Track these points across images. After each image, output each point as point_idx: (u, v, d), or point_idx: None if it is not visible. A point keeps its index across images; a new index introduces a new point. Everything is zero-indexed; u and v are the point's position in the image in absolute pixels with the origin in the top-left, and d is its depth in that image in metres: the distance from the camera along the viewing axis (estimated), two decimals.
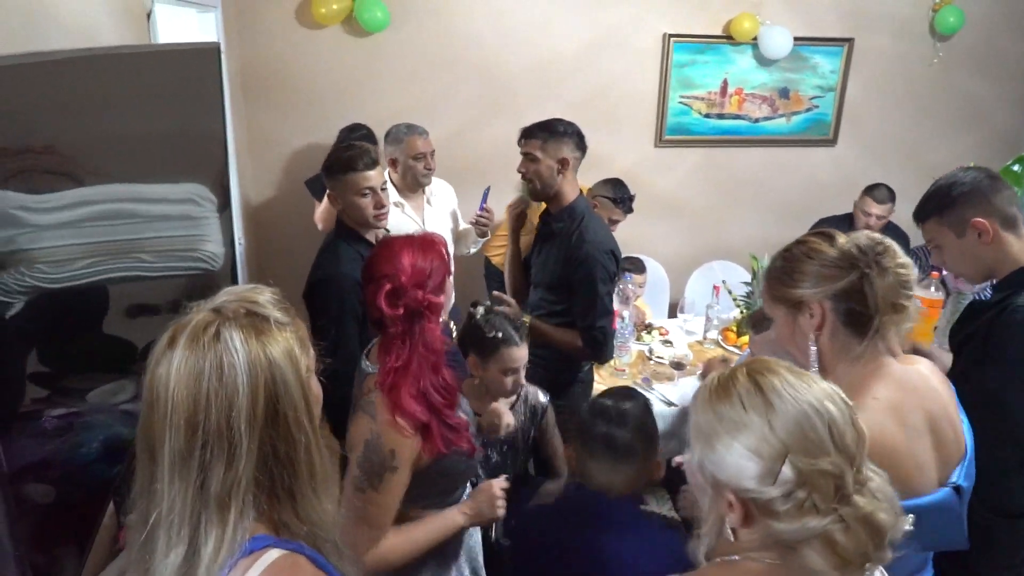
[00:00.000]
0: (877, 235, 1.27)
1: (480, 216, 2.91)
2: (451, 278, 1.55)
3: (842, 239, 1.26)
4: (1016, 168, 3.16)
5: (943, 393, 1.29)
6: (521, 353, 1.85)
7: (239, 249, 2.94)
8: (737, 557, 0.89)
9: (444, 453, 1.42)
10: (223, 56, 2.19)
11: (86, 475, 1.49)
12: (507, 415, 1.92)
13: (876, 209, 3.43)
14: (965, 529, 1.21)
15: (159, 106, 1.78)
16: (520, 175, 2.30)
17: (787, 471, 0.82)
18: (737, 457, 0.86)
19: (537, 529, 1.64)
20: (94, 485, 1.55)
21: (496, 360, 1.83)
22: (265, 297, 0.92)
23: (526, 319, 2.30)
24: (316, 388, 0.96)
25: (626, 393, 1.72)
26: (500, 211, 3.04)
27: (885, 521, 0.83)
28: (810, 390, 0.87)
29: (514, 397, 2.06)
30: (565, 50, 3.81)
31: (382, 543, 1.41)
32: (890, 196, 3.47)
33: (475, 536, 1.70)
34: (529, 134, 2.23)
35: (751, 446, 0.85)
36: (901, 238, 3.74)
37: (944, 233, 1.65)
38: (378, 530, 1.41)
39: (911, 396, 1.21)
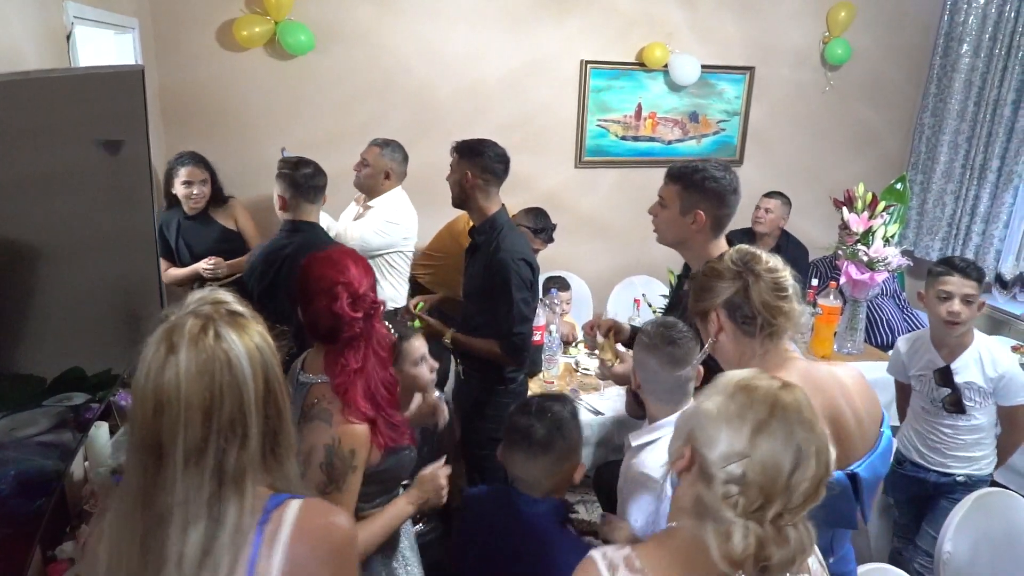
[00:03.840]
0: (748, 247, 1.47)
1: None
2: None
3: (727, 256, 1.47)
4: (899, 186, 3.47)
5: (854, 393, 1.42)
6: (420, 343, 1.96)
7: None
8: (675, 524, 1.04)
9: (391, 448, 1.54)
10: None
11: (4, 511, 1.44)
12: (443, 407, 2.02)
13: (763, 203, 3.95)
14: (855, 513, 1.34)
15: (83, 130, 1.76)
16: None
17: (736, 469, 0.96)
18: (716, 432, 0.99)
19: (472, 511, 1.77)
20: (17, 521, 1.50)
21: (404, 356, 1.92)
22: (230, 296, 1.02)
23: (448, 334, 2.40)
24: None
25: (557, 396, 1.83)
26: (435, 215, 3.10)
27: (775, 556, 0.94)
28: (808, 436, 0.97)
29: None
30: (492, 76, 3.94)
31: None
32: (780, 196, 3.97)
33: (406, 524, 1.79)
34: (453, 149, 2.42)
35: (730, 437, 0.98)
36: (800, 248, 4.03)
37: (674, 201, 1.95)
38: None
39: (811, 388, 1.33)
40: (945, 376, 2.32)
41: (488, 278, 2.34)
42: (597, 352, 2.20)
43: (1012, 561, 1.99)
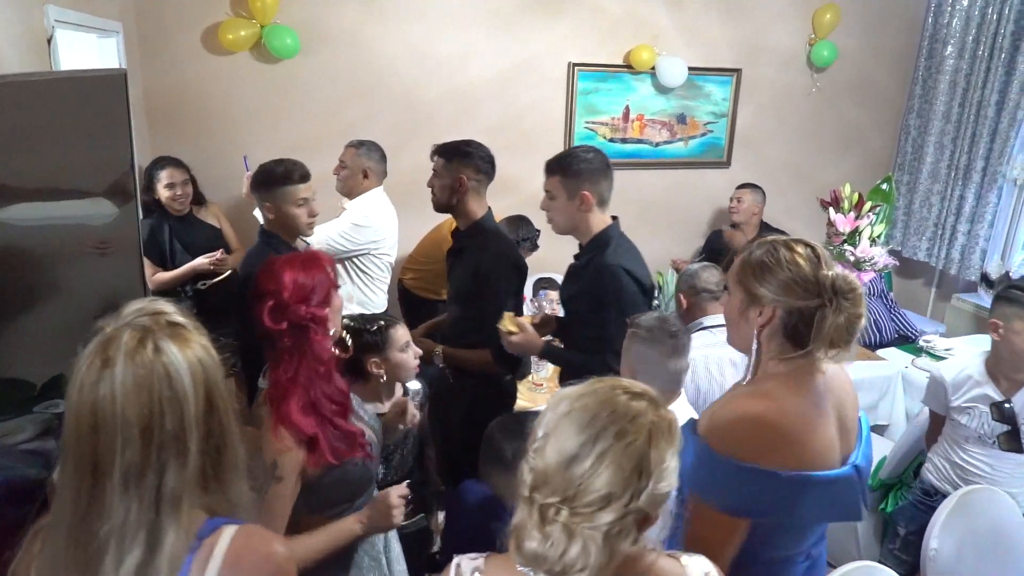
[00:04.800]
0: (855, 279, 1.31)
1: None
2: (339, 291, 1.63)
3: (825, 267, 1.29)
4: (885, 187, 3.50)
5: (848, 388, 1.43)
6: (404, 331, 1.98)
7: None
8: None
9: (334, 464, 1.46)
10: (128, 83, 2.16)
11: None
12: (411, 406, 1.98)
13: (736, 194, 4.12)
14: (861, 503, 1.33)
15: (65, 134, 1.74)
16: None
17: (534, 443, 0.98)
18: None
19: (463, 528, 1.74)
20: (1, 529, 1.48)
21: (390, 345, 1.93)
22: (169, 306, 0.97)
23: (438, 350, 2.38)
24: None
25: (534, 417, 1.79)
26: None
27: (527, 543, 0.93)
28: (610, 441, 0.93)
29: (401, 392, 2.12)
30: (479, 79, 3.94)
31: None
32: (750, 187, 4.11)
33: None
34: (436, 152, 2.37)
35: (548, 419, 0.99)
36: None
37: (560, 190, 2.11)
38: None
39: (827, 391, 1.34)
40: (1003, 412, 2.09)
41: (477, 283, 2.32)
42: (499, 325, 2.21)
43: (997, 557, 2.00)
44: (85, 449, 0.87)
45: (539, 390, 2.89)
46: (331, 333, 1.55)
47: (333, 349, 1.55)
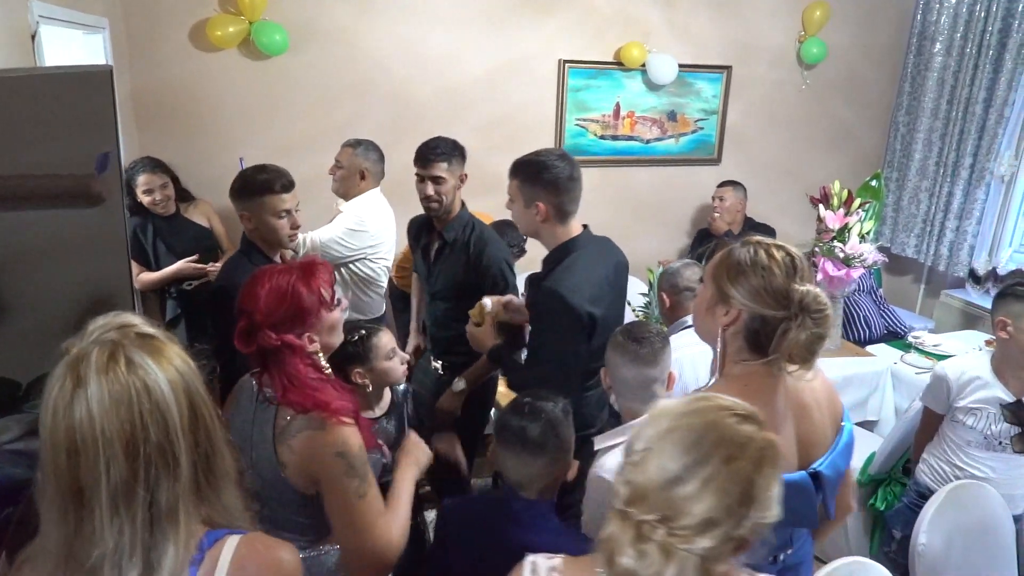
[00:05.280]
0: (825, 299, 1.30)
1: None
2: (338, 309, 1.53)
3: (798, 282, 1.28)
4: (874, 183, 3.51)
5: (821, 395, 1.43)
6: (389, 337, 1.95)
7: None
8: None
9: (369, 447, 1.47)
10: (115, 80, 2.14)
11: None
12: (425, 450, 1.88)
13: (716, 194, 4.17)
14: (813, 510, 1.34)
15: (49, 131, 1.72)
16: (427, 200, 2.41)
17: (630, 458, 0.96)
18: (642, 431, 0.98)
19: (460, 520, 1.72)
20: None
21: (375, 354, 1.90)
22: (137, 318, 0.94)
23: (462, 385, 2.31)
24: None
25: (547, 396, 1.77)
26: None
27: (622, 559, 0.90)
28: (715, 465, 0.90)
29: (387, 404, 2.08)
30: (470, 76, 3.92)
31: (395, 523, 1.48)
32: (731, 184, 4.18)
33: None
34: (435, 157, 2.33)
35: (646, 434, 0.96)
36: (768, 233, 4.09)
37: (517, 196, 2.01)
38: (391, 512, 1.48)
39: (786, 400, 1.34)
40: (1018, 413, 2.07)
41: (477, 276, 2.34)
42: (470, 312, 2.19)
43: (985, 551, 2.02)
44: (65, 475, 0.84)
45: None
46: (316, 355, 1.47)
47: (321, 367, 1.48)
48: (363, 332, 1.90)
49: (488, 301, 2.15)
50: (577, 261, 1.99)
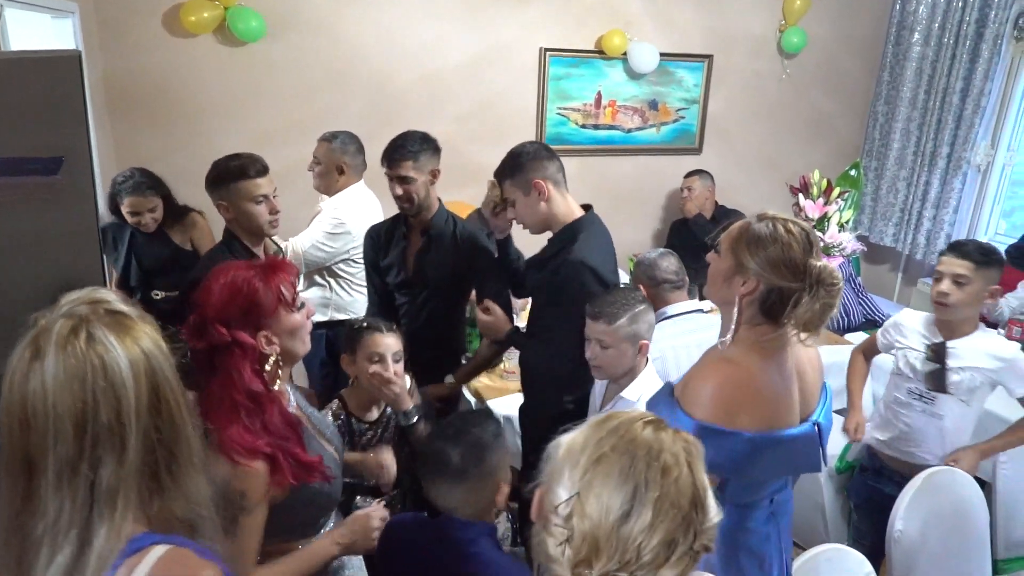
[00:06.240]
0: (839, 273, 1.38)
1: None
2: (301, 311, 1.41)
3: (815, 255, 1.37)
4: (853, 173, 3.53)
5: (812, 355, 1.55)
6: (386, 340, 1.86)
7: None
8: None
9: (295, 486, 1.32)
10: (84, 66, 2.08)
11: None
12: (390, 467, 1.82)
13: (685, 183, 4.21)
14: (819, 456, 1.46)
15: (13, 118, 1.68)
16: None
17: (564, 509, 0.85)
18: (560, 467, 0.89)
19: (398, 542, 1.60)
20: None
21: (362, 348, 1.85)
22: (111, 295, 0.93)
23: (450, 379, 2.40)
24: None
25: (480, 419, 1.64)
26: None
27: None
28: (655, 480, 0.83)
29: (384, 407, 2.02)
30: (451, 65, 3.88)
31: None
32: (697, 173, 4.20)
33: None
34: (401, 156, 2.24)
35: (569, 472, 0.87)
36: (739, 217, 4.12)
37: (516, 192, 2.05)
38: (265, 568, 1.32)
39: (792, 357, 1.45)
40: (939, 352, 2.21)
41: (468, 264, 2.35)
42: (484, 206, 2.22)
43: (961, 537, 2.04)
44: (17, 445, 0.84)
45: (510, 377, 2.87)
46: (269, 360, 1.35)
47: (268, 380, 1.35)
48: (364, 324, 1.87)
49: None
50: (593, 236, 2.08)
